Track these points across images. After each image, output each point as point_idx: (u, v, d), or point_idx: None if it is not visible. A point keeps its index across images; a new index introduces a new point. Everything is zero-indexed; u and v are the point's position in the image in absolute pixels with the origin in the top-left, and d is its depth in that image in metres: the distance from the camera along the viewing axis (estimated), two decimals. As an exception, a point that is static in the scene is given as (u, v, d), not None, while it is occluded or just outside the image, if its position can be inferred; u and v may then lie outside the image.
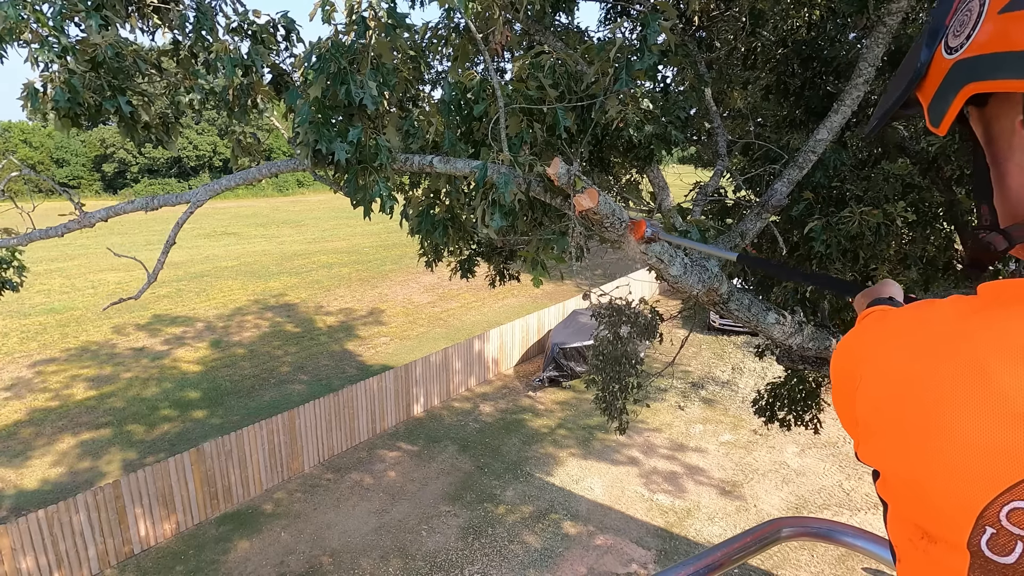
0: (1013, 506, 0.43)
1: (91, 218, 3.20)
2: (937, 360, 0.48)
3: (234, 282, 23.32)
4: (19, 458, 11.37)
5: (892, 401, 0.51)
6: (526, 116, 2.79)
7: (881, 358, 0.54)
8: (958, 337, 0.48)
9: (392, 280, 23.67)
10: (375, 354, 16.49)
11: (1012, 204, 0.56)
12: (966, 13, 0.54)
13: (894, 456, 0.50)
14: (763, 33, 5.15)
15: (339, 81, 2.76)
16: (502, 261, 5.90)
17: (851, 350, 0.58)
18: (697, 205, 3.99)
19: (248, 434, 9.85)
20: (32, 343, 16.99)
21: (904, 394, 0.50)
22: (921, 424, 0.47)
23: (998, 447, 0.43)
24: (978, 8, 0.52)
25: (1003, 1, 0.49)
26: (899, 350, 0.52)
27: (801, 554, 8.86)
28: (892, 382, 0.51)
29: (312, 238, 32.85)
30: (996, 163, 0.57)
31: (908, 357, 0.51)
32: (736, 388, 14.37)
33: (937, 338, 0.50)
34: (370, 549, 9.02)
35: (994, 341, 0.46)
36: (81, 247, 30.05)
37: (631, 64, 2.73)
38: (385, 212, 3.10)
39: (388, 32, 2.89)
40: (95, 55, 3.23)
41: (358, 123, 2.92)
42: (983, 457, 0.44)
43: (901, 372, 0.51)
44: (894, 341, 0.54)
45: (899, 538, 0.53)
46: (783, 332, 3.52)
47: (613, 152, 3.28)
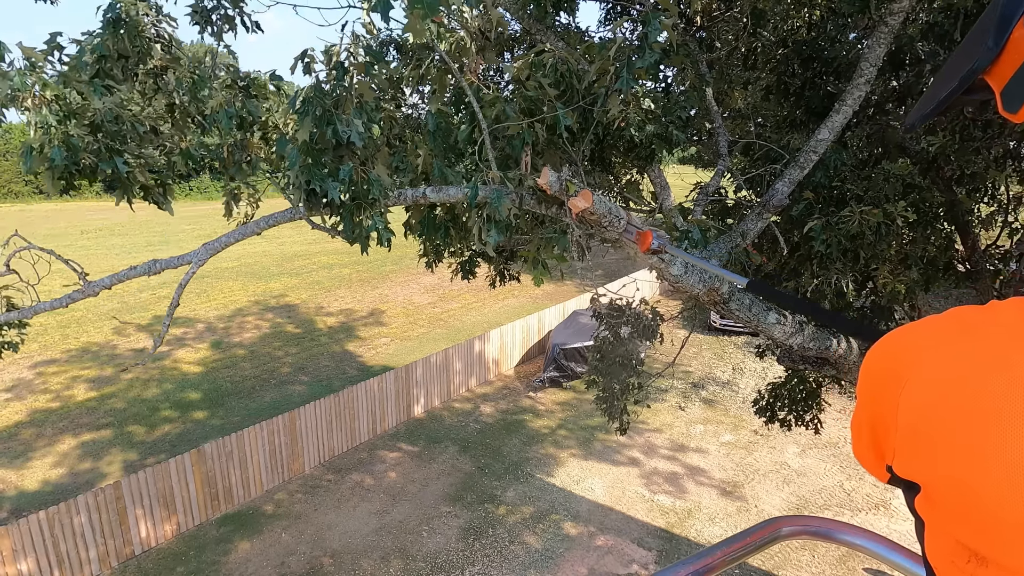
0: None
1: (95, 287, 3.22)
2: (993, 364, 0.44)
3: (234, 283, 23.33)
4: (20, 459, 11.37)
5: (948, 407, 0.46)
6: (527, 116, 2.80)
7: (938, 359, 0.48)
8: (1017, 342, 0.44)
9: (392, 281, 23.67)
10: (376, 355, 16.49)
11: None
12: None
13: (946, 467, 0.46)
14: (764, 33, 5.15)
15: (325, 122, 2.79)
16: (502, 262, 5.90)
17: (897, 350, 0.53)
18: (698, 205, 3.98)
19: (249, 435, 9.85)
20: (33, 344, 17.00)
21: (963, 401, 0.45)
22: (982, 434, 0.43)
23: None
24: None
25: None
26: (960, 351, 0.47)
27: (802, 554, 8.86)
28: (949, 386, 0.46)
29: (312, 239, 32.84)
30: None
31: (962, 356, 0.47)
32: (737, 388, 14.36)
33: (993, 340, 0.46)
34: (371, 550, 9.02)
35: None
36: (81, 248, 30.06)
37: (632, 62, 2.73)
38: (382, 245, 3.12)
39: (367, 70, 2.92)
40: (94, 119, 3.27)
41: (348, 162, 2.95)
42: None
43: (961, 376, 0.46)
44: (953, 341, 0.49)
45: (941, 560, 0.48)
46: (784, 332, 3.51)
47: (614, 152, 3.28)
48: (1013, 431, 0.41)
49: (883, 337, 0.55)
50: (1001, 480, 0.41)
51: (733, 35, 5.57)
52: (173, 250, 29.61)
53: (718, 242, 3.58)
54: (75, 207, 49.44)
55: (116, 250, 29.69)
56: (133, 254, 28.72)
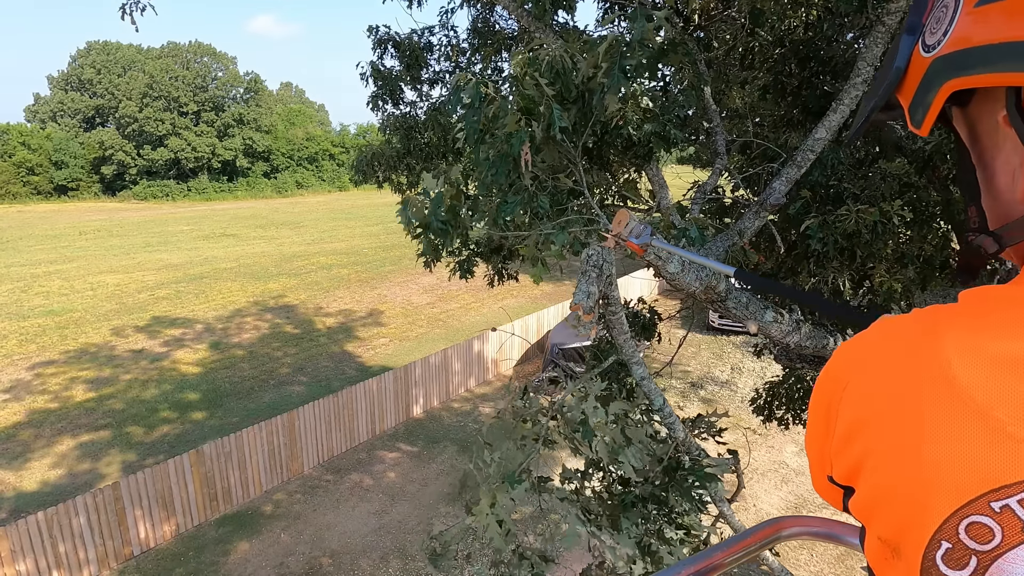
0: (972, 520, 0.41)
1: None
2: (910, 369, 0.47)
3: (233, 284, 23.31)
4: (18, 460, 11.35)
5: (869, 409, 0.49)
6: (524, 115, 2.80)
7: (868, 364, 0.52)
8: (931, 346, 0.46)
9: (391, 281, 23.67)
10: (374, 355, 16.49)
11: (1001, 205, 0.54)
12: (942, 10, 0.53)
13: (869, 467, 0.49)
14: (761, 33, 5.16)
15: None
16: (500, 261, 5.90)
17: (844, 354, 0.55)
18: (695, 203, 3.99)
19: (248, 436, 9.85)
20: (31, 345, 16.98)
21: (880, 402, 0.48)
22: (894, 434, 0.46)
23: (963, 459, 0.42)
24: (953, 4, 0.51)
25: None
26: (881, 357, 0.50)
27: (801, 554, 8.87)
28: (871, 389, 0.50)
29: (311, 239, 32.84)
30: (982, 164, 0.56)
31: (887, 365, 0.49)
32: (735, 388, 14.38)
33: (913, 346, 0.48)
34: (370, 550, 9.01)
35: (964, 350, 0.44)
36: (80, 249, 30.03)
37: (624, 58, 2.73)
38: None
39: None
40: None
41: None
42: (948, 469, 0.43)
43: (879, 380, 0.49)
44: (880, 347, 0.52)
45: (875, 558, 0.51)
46: (781, 330, 3.52)
47: (612, 150, 3.29)
48: (933, 423, 0.44)
49: (835, 350, 0.58)
50: (911, 480, 0.44)
51: (730, 35, 5.58)
52: (172, 251, 29.58)
53: (715, 240, 3.59)
54: (73, 208, 49.41)
55: (115, 251, 29.65)
56: (132, 254, 28.69)
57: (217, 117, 56.39)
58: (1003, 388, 0.42)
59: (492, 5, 6.24)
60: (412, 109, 6.77)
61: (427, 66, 6.59)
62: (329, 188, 61.16)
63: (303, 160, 60.71)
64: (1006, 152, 0.52)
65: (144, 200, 54.10)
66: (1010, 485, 0.40)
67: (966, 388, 0.43)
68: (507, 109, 2.84)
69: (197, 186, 56.38)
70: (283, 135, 59.61)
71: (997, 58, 0.46)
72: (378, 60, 6.53)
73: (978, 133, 0.55)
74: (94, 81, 54.71)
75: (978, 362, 0.43)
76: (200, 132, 55.60)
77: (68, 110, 55.35)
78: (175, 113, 54.43)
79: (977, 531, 0.41)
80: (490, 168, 2.91)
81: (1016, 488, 0.40)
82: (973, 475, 0.41)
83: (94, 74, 54.65)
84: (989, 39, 0.47)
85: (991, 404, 0.42)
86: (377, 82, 6.47)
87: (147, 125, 53.26)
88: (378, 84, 6.49)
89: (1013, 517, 0.40)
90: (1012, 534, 0.40)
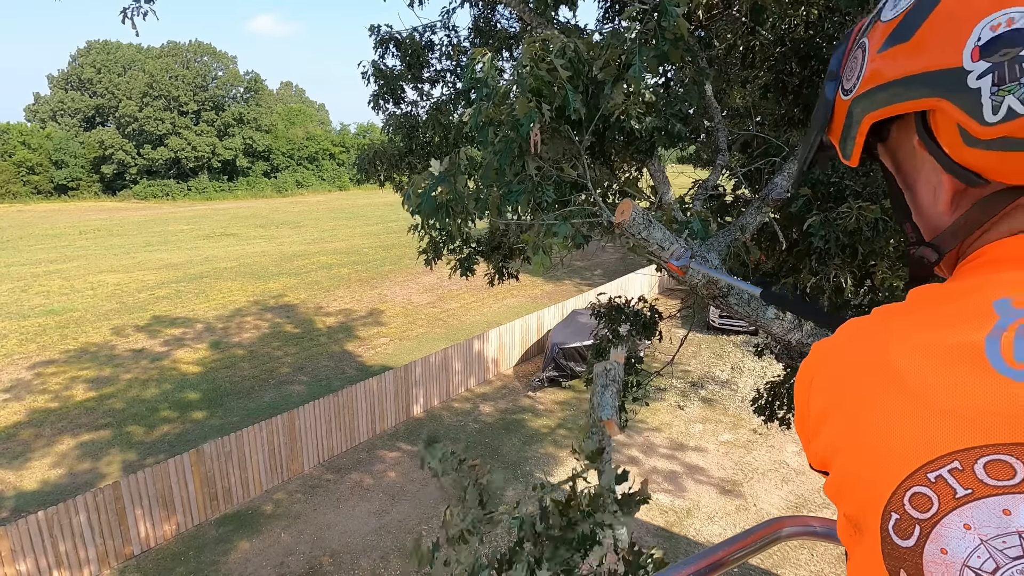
0: (914, 491, 0.46)
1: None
2: (862, 361, 0.53)
3: (233, 283, 23.31)
4: (19, 460, 11.35)
5: (831, 399, 0.55)
6: (535, 97, 2.79)
7: (830, 359, 0.58)
8: (878, 339, 0.53)
9: (391, 281, 23.67)
10: (375, 355, 16.49)
11: (929, 219, 0.62)
12: (854, 59, 0.63)
13: (835, 452, 0.54)
14: (762, 31, 5.16)
15: None
16: (501, 259, 5.90)
17: (814, 351, 0.62)
18: (697, 200, 3.99)
19: (248, 435, 9.84)
20: (31, 344, 16.98)
21: (839, 392, 0.55)
22: (851, 420, 0.52)
23: (904, 436, 0.47)
24: (862, 55, 0.62)
25: (878, 44, 0.59)
26: (842, 352, 0.57)
27: (801, 553, 8.86)
28: (833, 382, 0.56)
29: (311, 239, 32.85)
30: (907, 186, 0.64)
31: (845, 359, 0.56)
32: (736, 387, 14.38)
33: (865, 341, 0.55)
34: (370, 549, 9.01)
35: (903, 341, 0.51)
36: (80, 248, 30.03)
37: (644, 50, 2.72)
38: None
39: None
40: None
41: None
42: (893, 447, 0.48)
43: (839, 372, 0.56)
44: (841, 343, 0.58)
45: (844, 535, 0.57)
46: (782, 328, 3.52)
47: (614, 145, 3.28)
48: (880, 406, 0.50)
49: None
50: (864, 459, 0.50)
51: (731, 33, 5.58)
52: (173, 250, 29.58)
53: (718, 236, 3.59)
54: (73, 207, 49.41)
55: (115, 250, 29.65)
56: (132, 254, 28.68)
57: (217, 116, 56.40)
58: (935, 373, 0.48)
59: (494, 4, 6.24)
60: (414, 108, 6.77)
61: (428, 65, 6.59)
62: (329, 188, 61.16)
63: (303, 159, 60.72)
64: (925, 172, 0.60)
65: (144, 199, 54.10)
66: (942, 456, 0.45)
67: (904, 374, 0.49)
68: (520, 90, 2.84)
69: (197, 185, 56.37)
70: (283, 134, 59.61)
71: (902, 90, 0.56)
72: (380, 59, 6.54)
73: (899, 160, 0.64)
74: (94, 80, 54.70)
75: (914, 351, 0.50)
76: (200, 131, 55.60)
77: (68, 109, 55.35)
78: (175, 112, 54.44)
79: (919, 501, 0.46)
80: (495, 155, 2.92)
81: (947, 459, 0.45)
82: (912, 450, 0.47)
83: (94, 73, 54.65)
84: (893, 76, 0.56)
85: (924, 387, 0.47)
86: (379, 81, 6.48)
87: (147, 124, 53.27)
88: (380, 83, 6.49)
89: (946, 485, 0.45)
90: (946, 501, 0.45)
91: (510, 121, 2.85)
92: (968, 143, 0.51)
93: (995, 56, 0.48)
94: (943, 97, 0.52)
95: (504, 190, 3.04)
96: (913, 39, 0.55)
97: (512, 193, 2.99)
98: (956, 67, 0.50)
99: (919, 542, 0.46)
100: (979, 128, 0.50)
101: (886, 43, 0.58)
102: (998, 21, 0.49)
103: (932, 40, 0.53)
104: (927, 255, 0.62)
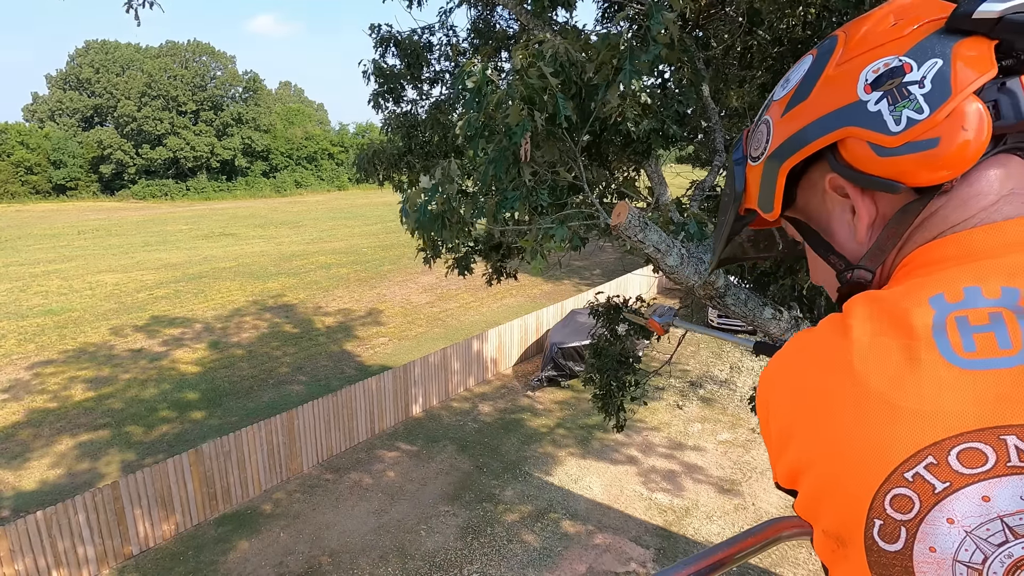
0: (894, 493, 0.46)
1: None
2: (818, 371, 0.54)
3: (232, 283, 23.30)
4: (17, 460, 11.35)
5: (792, 415, 0.56)
6: (527, 105, 2.80)
7: (785, 375, 0.59)
8: (834, 347, 0.54)
9: (390, 280, 23.67)
10: (374, 354, 16.50)
11: (850, 252, 0.67)
12: (759, 134, 0.71)
13: (803, 468, 0.54)
14: (759, 32, 5.17)
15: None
16: (499, 259, 5.91)
17: (765, 374, 0.63)
18: (694, 201, 4.00)
19: (247, 435, 9.85)
20: (30, 344, 16.97)
21: (799, 407, 0.55)
22: (816, 432, 0.53)
23: (873, 439, 0.48)
24: (766, 128, 0.69)
25: (781, 111, 0.67)
26: (795, 367, 0.59)
27: (800, 552, 8.88)
28: (790, 398, 0.57)
29: (310, 239, 32.84)
30: (824, 230, 0.69)
31: (800, 373, 0.57)
32: (734, 387, 14.39)
33: (820, 351, 0.56)
34: (369, 549, 9.02)
35: (857, 345, 0.52)
36: (79, 248, 30.00)
37: (635, 55, 2.73)
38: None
39: None
40: None
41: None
42: (864, 452, 0.48)
43: (796, 387, 0.57)
44: (793, 358, 0.59)
45: (824, 553, 0.56)
46: (779, 327, 3.53)
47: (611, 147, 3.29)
48: (845, 413, 0.50)
49: None
50: (838, 470, 0.50)
51: (728, 33, 5.59)
52: (171, 250, 29.57)
53: (713, 237, 3.59)
54: (72, 207, 49.36)
55: (113, 250, 29.63)
56: (130, 254, 28.67)
57: (216, 116, 56.34)
58: (893, 372, 0.49)
59: (492, 5, 6.25)
60: (413, 108, 6.79)
61: (428, 65, 6.60)
62: (328, 187, 61.12)
63: (302, 159, 60.68)
64: (836, 213, 0.66)
65: (143, 199, 54.04)
66: (915, 453, 0.46)
67: (864, 378, 0.50)
68: (511, 97, 2.84)
69: (196, 185, 56.33)
70: (282, 134, 59.57)
71: (814, 131, 0.63)
72: (380, 58, 6.55)
73: (811, 211, 0.70)
74: (92, 80, 54.63)
75: (869, 354, 0.51)
76: (199, 131, 55.55)
77: (66, 109, 55.27)
78: (174, 112, 54.38)
79: (900, 503, 0.46)
80: (490, 164, 2.92)
81: (921, 455, 0.46)
82: (885, 452, 0.47)
83: (92, 73, 54.57)
84: (802, 125, 0.64)
85: (886, 387, 0.48)
86: (379, 80, 6.49)
87: (146, 124, 53.21)
88: (380, 82, 6.50)
89: (924, 483, 0.45)
90: (927, 498, 0.45)
91: (504, 128, 2.86)
92: (880, 154, 0.58)
93: (884, 86, 0.57)
94: (851, 125, 0.59)
95: (500, 196, 3.05)
96: (811, 96, 0.64)
97: (508, 199, 3.00)
98: (855, 101, 0.59)
99: (907, 544, 0.46)
100: (887, 139, 0.57)
101: (787, 107, 0.66)
102: (876, 67, 0.59)
103: (828, 92, 0.62)
104: (862, 276, 0.65)
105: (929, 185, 0.57)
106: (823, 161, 0.63)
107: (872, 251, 0.64)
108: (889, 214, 0.62)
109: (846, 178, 0.62)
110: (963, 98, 0.54)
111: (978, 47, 0.55)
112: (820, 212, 0.69)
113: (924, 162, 0.56)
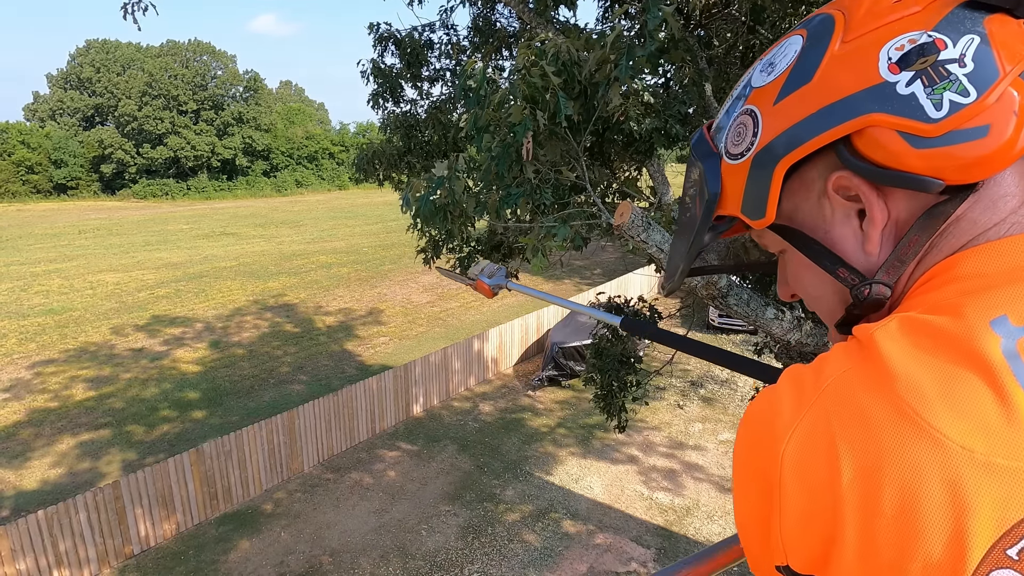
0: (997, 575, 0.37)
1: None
2: (870, 432, 0.42)
3: (233, 282, 23.30)
4: (18, 459, 11.35)
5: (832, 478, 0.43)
6: (529, 104, 2.79)
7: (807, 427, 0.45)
8: (885, 398, 0.43)
9: (391, 280, 23.66)
10: (374, 354, 16.49)
11: (862, 264, 0.56)
12: (740, 126, 0.59)
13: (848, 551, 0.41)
14: (761, 31, 5.16)
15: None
16: (500, 258, 5.90)
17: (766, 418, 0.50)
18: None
19: (248, 434, 9.84)
20: (31, 344, 16.97)
21: (844, 467, 0.42)
22: (877, 506, 0.40)
23: (974, 506, 0.38)
24: (752, 121, 0.57)
25: (772, 100, 0.56)
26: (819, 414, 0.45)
27: (801, 552, 8.88)
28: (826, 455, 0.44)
29: (311, 238, 32.84)
30: (821, 238, 0.58)
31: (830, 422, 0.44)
32: (735, 387, 14.38)
33: (862, 402, 0.44)
34: (370, 549, 9.02)
35: (923, 392, 0.41)
36: (80, 248, 30.02)
37: (632, 50, 2.72)
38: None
39: None
40: None
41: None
42: (952, 523, 0.38)
43: (833, 442, 0.44)
44: (830, 411, 0.46)
45: None
46: (782, 328, 3.52)
47: (613, 146, 3.28)
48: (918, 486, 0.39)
49: (748, 414, 0.51)
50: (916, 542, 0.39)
51: (731, 32, 5.58)
52: (172, 250, 29.58)
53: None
54: (72, 206, 49.39)
55: (114, 249, 29.64)
56: (131, 253, 28.67)
57: (216, 116, 56.35)
58: (977, 422, 0.39)
59: (493, 3, 6.24)
60: (413, 107, 6.77)
61: (428, 64, 6.59)
62: (329, 187, 61.13)
63: (303, 159, 60.69)
64: (838, 220, 0.56)
65: (143, 199, 54.07)
66: (1019, 523, 0.37)
67: (944, 432, 0.39)
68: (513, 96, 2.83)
69: (196, 185, 56.35)
70: (283, 134, 59.58)
71: (822, 120, 0.52)
72: (379, 58, 6.53)
73: (800, 217, 0.58)
74: (93, 80, 54.65)
75: (942, 403, 0.40)
76: (199, 131, 55.56)
77: (67, 109, 55.30)
78: (174, 112, 54.40)
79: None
80: (493, 160, 2.91)
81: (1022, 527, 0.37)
82: (982, 523, 0.37)
83: (93, 73, 54.59)
84: (806, 113, 0.53)
85: (973, 443, 0.38)
86: (378, 80, 6.48)
87: (146, 124, 53.23)
88: (379, 82, 6.49)
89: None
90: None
91: (507, 126, 2.85)
92: (917, 145, 0.49)
93: (915, 65, 0.48)
94: (876, 111, 0.49)
95: (503, 193, 3.04)
96: (815, 80, 0.53)
97: (510, 196, 2.99)
98: (880, 82, 0.49)
99: None
100: (926, 127, 0.48)
101: (781, 94, 0.55)
102: (900, 43, 0.49)
103: (838, 74, 0.52)
104: (881, 292, 0.55)
105: (966, 183, 0.49)
106: (822, 157, 0.53)
107: (890, 262, 0.54)
108: (904, 218, 0.53)
109: (863, 175, 0.52)
110: (1011, 80, 0.47)
111: (1008, 25, 0.48)
112: (815, 218, 0.57)
113: (971, 154, 0.48)
